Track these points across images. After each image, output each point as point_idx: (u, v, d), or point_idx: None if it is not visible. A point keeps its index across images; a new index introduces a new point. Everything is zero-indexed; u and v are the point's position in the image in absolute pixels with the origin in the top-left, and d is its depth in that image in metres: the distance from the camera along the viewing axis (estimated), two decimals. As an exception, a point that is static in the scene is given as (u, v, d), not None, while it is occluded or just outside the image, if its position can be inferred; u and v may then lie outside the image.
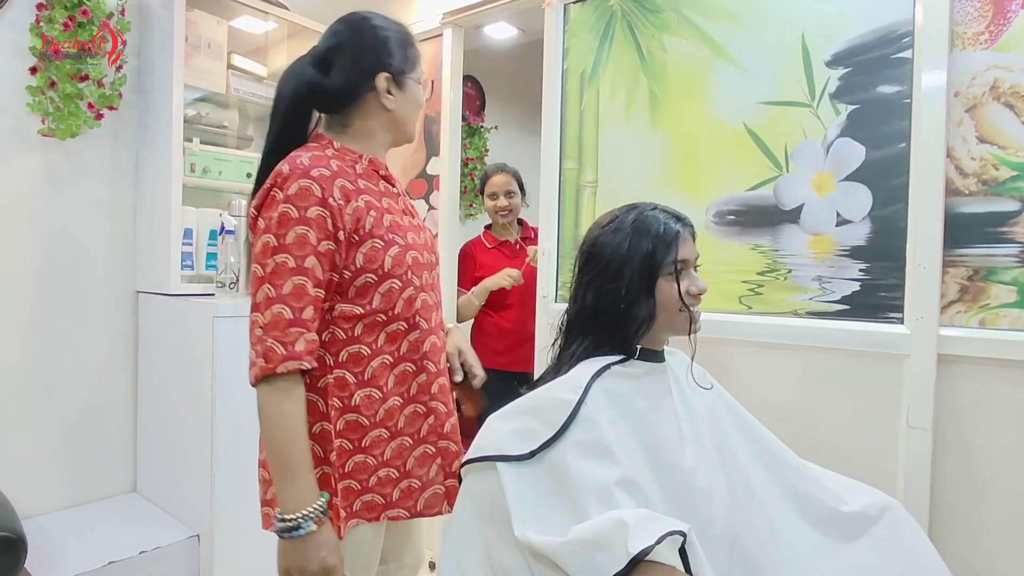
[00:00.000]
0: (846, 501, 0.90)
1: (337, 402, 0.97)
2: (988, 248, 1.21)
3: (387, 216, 1.00)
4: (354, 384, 0.98)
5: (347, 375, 0.97)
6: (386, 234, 0.98)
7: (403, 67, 1.04)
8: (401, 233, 1.01)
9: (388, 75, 1.01)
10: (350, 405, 0.97)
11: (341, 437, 0.97)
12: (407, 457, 1.01)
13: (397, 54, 1.03)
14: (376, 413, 0.98)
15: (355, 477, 0.98)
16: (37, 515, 1.79)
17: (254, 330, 0.93)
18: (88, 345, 1.90)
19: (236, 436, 1.69)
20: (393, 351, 1.00)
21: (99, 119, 1.80)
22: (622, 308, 0.93)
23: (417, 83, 1.07)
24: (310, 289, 0.91)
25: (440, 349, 1.07)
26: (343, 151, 1.01)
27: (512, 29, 2.35)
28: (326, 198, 0.92)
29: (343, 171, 0.97)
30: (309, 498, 0.88)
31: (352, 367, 0.98)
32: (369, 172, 1.03)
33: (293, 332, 0.90)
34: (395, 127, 1.06)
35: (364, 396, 0.98)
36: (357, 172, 1.00)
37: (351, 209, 0.94)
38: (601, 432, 0.81)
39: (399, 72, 1.03)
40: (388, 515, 1.00)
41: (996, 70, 1.20)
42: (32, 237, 1.79)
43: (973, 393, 1.22)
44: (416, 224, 1.09)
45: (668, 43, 1.61)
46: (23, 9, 1.71)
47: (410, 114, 1.06)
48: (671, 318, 0.93)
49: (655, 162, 1.63)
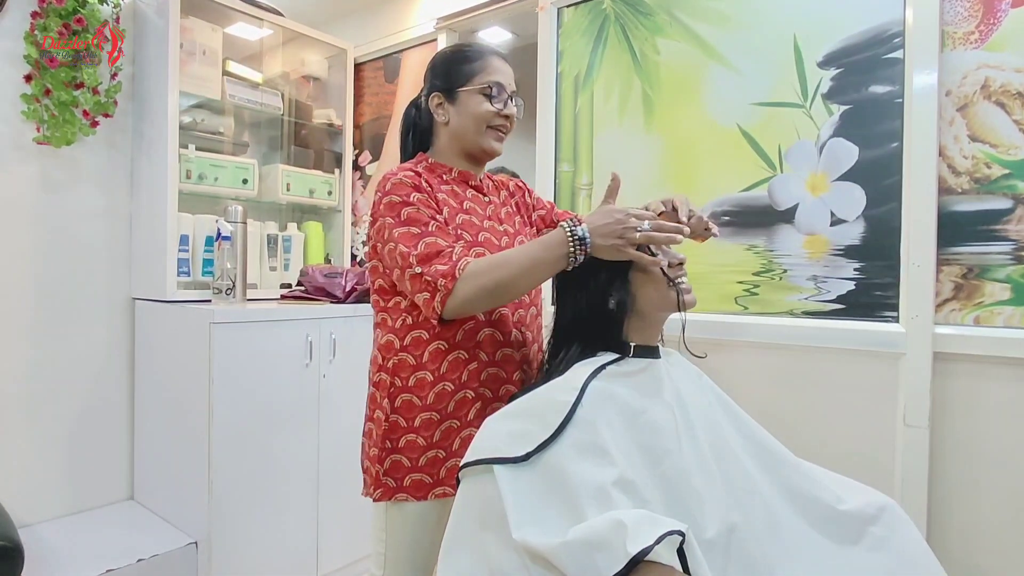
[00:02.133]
0: (844, 500, 0.90)
1: (399, 381, 1.06)
2: (981, 246, 1.22)
3: (461, 215, 1.09)
4: (413, 366, 1.06)
5: (409, 357, 1.06)
6: (456, 229, 1.06)
7: (452, 83, 1.11)
8: (472, 231, 1.08)
9: (437, 94, 1.12)
10: (407, 385, 1.05)
11: (397, 413, 1.06)
12: (453, 439, 1.06)
13: (445, 73, 1.12)
14: (427, 395, 1.05)
15: (406, 454, 1.05)
16: (34, 523, 1.79)
17: (416, 279, 0.98)
18: (84, 352, 1.90)
19: (233, 442, 1.68)
20: (449, 337, 1.05)
21: (94, 126, 1.80)
22: (607, 306, 0.94)
23: (477, 94, 1.10)
24: (441, 241, 0.99)
25: (498, 342, 1.09)
26: (435, 165, 1.14)
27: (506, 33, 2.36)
28: (418, 184, 1.05)
29: (428, 176, 1.09)
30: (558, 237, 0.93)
31: (413, 350, 1.06)
32: (457, 181, 1.14)
33: (443, 257, 0.98)
34: (456, 138, 1.13)
35: (419, 378, 1.05)
36: (444, 180, 1.12)
37: (437, 197, 1.07)
38: (597, 432, 0.81)
39: (447, 89, 1.11)
40: (435, 493, 1.05)
41: (987, 69, 1.21)
42: (28, 245, 1.78)
43: (968, 390, 1.22)
44: (503, 229, 1.14)
45: (661, 45, 1.62)
46: (17, 17, 1.71)
47: (468, 124, 1.11)
48: (662, 295, 0.94)
49: (650, 164, 1.64)
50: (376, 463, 1.07)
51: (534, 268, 0.94)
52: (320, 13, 2.54)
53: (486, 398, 1.08)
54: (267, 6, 2.17)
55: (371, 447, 1.09)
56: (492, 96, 1.09)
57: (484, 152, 1.13)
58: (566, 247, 0.91)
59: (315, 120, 2.42)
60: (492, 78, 1.10)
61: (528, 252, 0.95)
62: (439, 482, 1.05)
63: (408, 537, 1.07)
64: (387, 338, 1.09)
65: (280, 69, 2.36)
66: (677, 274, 0.96)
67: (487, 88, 1.09)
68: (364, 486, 1.11)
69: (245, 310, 1.76)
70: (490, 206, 1.16)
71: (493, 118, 1.10)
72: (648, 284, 0.95)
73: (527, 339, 1.14)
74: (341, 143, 2.45)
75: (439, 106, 1.13)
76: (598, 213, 0.94)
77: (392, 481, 1.05)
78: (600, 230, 0.91)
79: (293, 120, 2.37)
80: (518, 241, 1.16)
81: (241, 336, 1.71)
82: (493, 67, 1.11)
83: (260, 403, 1.75)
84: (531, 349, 1.15)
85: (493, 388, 1.09)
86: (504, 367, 1.10)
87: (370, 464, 1.09)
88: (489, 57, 1.11)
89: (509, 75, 1.13)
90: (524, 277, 0.95)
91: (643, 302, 0.95)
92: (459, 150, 1.14)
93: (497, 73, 1.11)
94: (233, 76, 2.11)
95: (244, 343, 1.71)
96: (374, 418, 1.10)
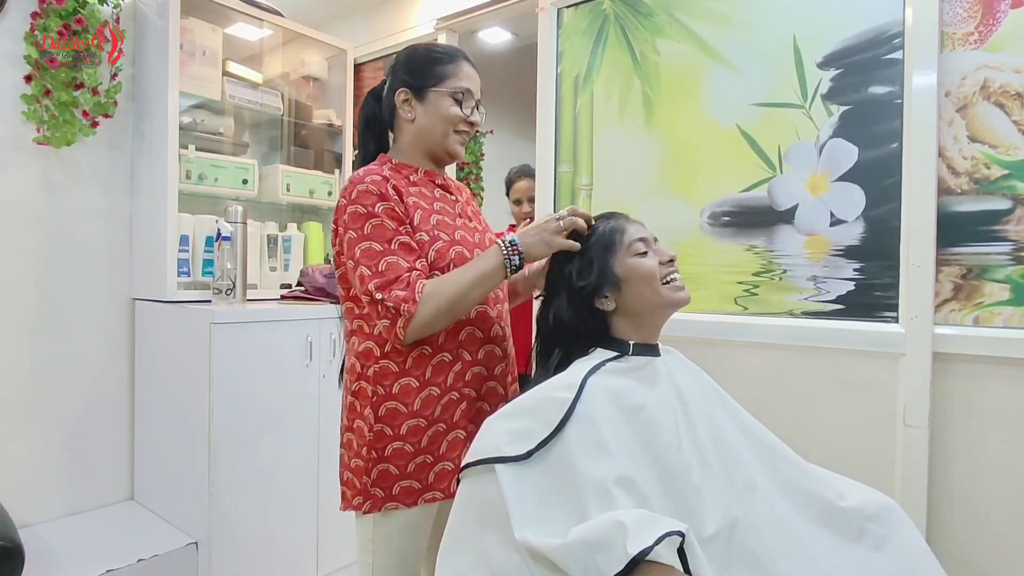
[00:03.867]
0: (845, 496, 0.90)
1: (381, 389, 1.04)
2: (981, 246, 1.22)
3: (435, 216, 1.09)
4: (395, 373, 1.05)
5: (391, 364, 1.05)
6: (432, 229, 1.07)
7: (422, 82, 1.10)
8: (448, 231, 1.09)
9: (405, 89, 1.11)
10: (391, 393, 1.04)
11: (381, 423, 1.04)
12: (441, 442, 1.06)
13: (418, 71, 1.11)
14: (413, 402, 1.04)
15: (393, 462, 1.04)
16: (34, 524, 1.79)
17: (374, 304, 1.00)
18: (85, 352, 1.90)
19: (234, 442, 1.68)
20: (432, 341, 1.05)
21: (94, 127, 1.80)
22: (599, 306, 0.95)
23: (447, 96, 1.10)
24: (402, 262, 1.01)
25: (480, 340, 1.10)
26: (399, 166, 1.13)
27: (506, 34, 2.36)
28: (384, 192, 1.03)
29: (396, 178, 1.08)
30: (493, 250, 1.02)
31: (395, 356, 1.05)
32: (424, 181, 1.13)
33: (400, 282, 0.99)
34: (421, 137, 1.12)
35: (403, 385, 1.04)
36: (411, 181, 1.11)
37: (406, 202, 1.06)
38: (597, 429, 0.81)
39: (417, 87, 1.10)
40: (424, 498, 1.05)
41: (986, 70, 1.21)
42: (28, 245, 1.78)
43: (968, 391, 1.22)
44: (473, 226, 1.16)
45: (661, 46, 1.62)
46: (17, 18, 1.71)
47: (435, 124, 1.11)
48: (654, 292, 0.95)
49: (650, 164, 1.64)
50: (362, 475, 1.04)
51: (479, 280, 1.01)
52: (320, 13, 2.55)
53: (471, 398, 1.08)
54: (267, 7, 2.17)
55: (352, 458, 1.07)
56: (461, 101, 1.10)
57: (448, 154, 1.14)
58: (500, 255, 1.01)
59: (315, 120, 2.42)
60: (463, 84, 1.11)
61: (472, 267, 1.02)
62: (428, 487, 1.05)
63: (396, 544, 1.06)
64: (365, 345, 1.06)
65: (280, 69, 2.36)
66: (668, 271, 0.97)
67: (458, 93, 1.10)
68: (343, 499, 1.09)
69: (245, 310, 1.76)
70: (457, 204, 1.17)
71: (460, 123, 1.11)
72: (640, 283, 0.95)
73: (506, 333, 1.16)
74: (341, 143, 2.45)
75: (406, 102, 1.11)
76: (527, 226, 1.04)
77: (381, 491, 1.04)
78: (527, 233, 1.02)
79: (293, 120, 2.37)
80: (488, 238, 1.17)
81: (241, 336, 1.71)
82: (465, 72, 1.12)
83: (260, 403, 1.75)
84: (510, 343, 1.17)
85: (477, 387, 1.09)
86: (487, 365, 1.11)
87: (353, 476, 1.07)
88: (462, 62, 1.12)
89: (477, 82, 1.14)
90: (474, 289, 1.00)
91: (637, 302, 0.95)
92: (423, 149, 1.14)
93: (468, 79, 1.12)
94: (233, 76, 2.11)
95: (244, 343, 1.71)
96: (354, 428, 1.08)
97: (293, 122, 2.37)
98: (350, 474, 1.08)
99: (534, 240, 1.01)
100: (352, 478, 1.07)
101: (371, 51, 2.45)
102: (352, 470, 1.07)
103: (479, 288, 1.01)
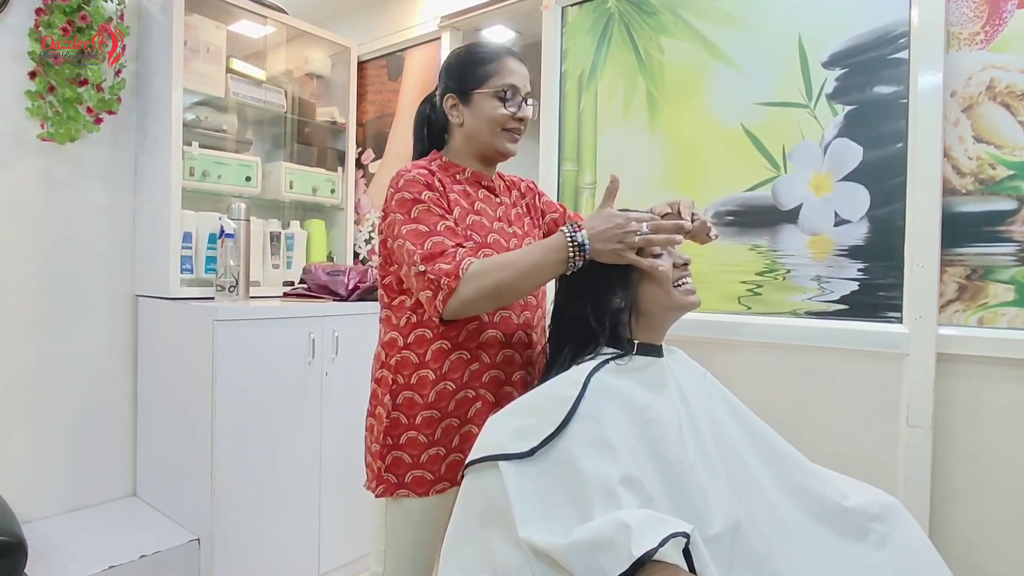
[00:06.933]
0: (848, 496, 0.90)
1: (400, 378, 1.06)
2: (986, 247, 1.22)
3: (472, 216, 1.09)
4: (414, 364, 1.06)
5: (412, 355, 1.06)
6: (466, 229, 1.07)
7: (466, 86, 1.10)
8: (482, 232, 1.09)
9: (451, 95, 1.12)
10: (408, 383, 1.06)
11: (398, 410, 1.06)
12: (454, 436, 1.07)
13: (460, 75, 1.11)
14: (428, 394, 1.05)
15: (407, 451, 1.06)
16: (37, 519, 1.79)
17: (420, 277, 0.98)
18: (88, 349, 1.90)
19: (236, 439, 1.68)
20: (452, 337, 1.05)
21: (98, 123, 1.80)
22: (611, 305, 0.95)
23: (491, 97, 1.09)
24: (448, 241, 0.99)
25: (501, 343, 1.09)
26: (447, 164, 1.14)
27: (510, 32, 2.36)
28: (430, 183, 1.05)
29: (441, 175, 1.09)
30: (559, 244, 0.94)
31: (416, 348, 1.06)
32: (470, 181, 1.14)
33: (447, 256, 0.97)
34: (470, 140, 1.13)
35: (420, 376, 1.06)
36: (456, 179, 1.13)
37: (449, 197, 1.07)
38: (601, 428, 0.81)
39: (461, 91, 1.11)
40: (436, 489, 1.06)
41: (992, 70, 1.21)
42: (32, 242, 1.79)
43: (972, 391, 1.22)
44: (511, 231, 1.15)
45: (666, 45, 1.62)
46: (22, 14, 1.71)
47: (482, 127, 1.10)
48: (666, 294, 0.95)
49: (654, 163, 1.64)
50: (378, 459, 1.07)
51: (534, 271, 0.95)
52: (324, 11, 2.54)
53: (487, 400, 1.08)
54: (271, 4, 2.17)
55: (372, 442, 1.10)
56: (506, 99, 1.08)
57: (498, 153, 1.13)
58: (566, 252, 0.93)
59: (318, 118, 2.42)
60: (506, 80, 1.09)
61: (529, 256, 0.96)
62: (440, 478, 1.06)
63: (409, 533, 1.08)
64: (391, 335, 1.09)
65: (283, 67, 2.36)
66: (681, 275, 0.97)
67: (501, 91, 1.08)
68: (367, 479, 1.12)
69: (248, 308, 1.76)
70: (501, 207, 1.16)
71: (507, 121, 1.10)
72: (652, 284, 0.95)
73: (532, 341, 1.14)
74: (344, 141, 2.45)
75: (453, 107, 1.12)
76: (598, 217, 0.94)
77: (393, 477, 1.06)
78: (599, 235, 0.92)
79: (296, 118, 2.37)
80: (526, 243, 1.15)
81: (244, 334, 1.71)
82: (508, 69, 1.10)
83: (263, 400, 1.75)
84: (535, 351, 1.14)
85: (494, 390, 1.09)
86: (505, 369, 1.10)
87: (372, 459, 1.10)
88: (504, 58, 1.10)
89: (524, 75, 1.12)
90: (524, 280, 0.96)
91: (647, 302, 0.95)
92: (473, 151, 1.14)
93: (511, 75, 1.09)
94: (237, 74, 2.11)
95: (247, 341, 1.71)
96: (375, 414, 1.10)
97: (296, 119, 2.37)
98: (370, 458, 1.11)
99: (605, 248, 0.92)
100: (372, 461, 1.10)
101: (374, 49, 2.45)
102: (372, 454, 1.10)
103: (529, 279, 0.96)
